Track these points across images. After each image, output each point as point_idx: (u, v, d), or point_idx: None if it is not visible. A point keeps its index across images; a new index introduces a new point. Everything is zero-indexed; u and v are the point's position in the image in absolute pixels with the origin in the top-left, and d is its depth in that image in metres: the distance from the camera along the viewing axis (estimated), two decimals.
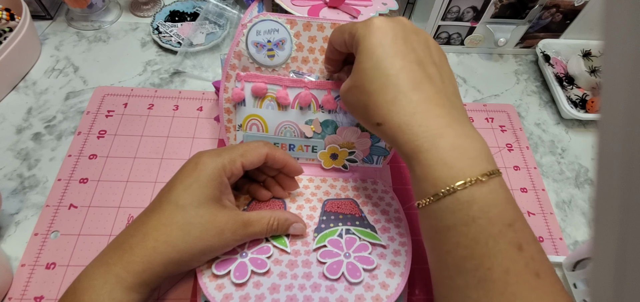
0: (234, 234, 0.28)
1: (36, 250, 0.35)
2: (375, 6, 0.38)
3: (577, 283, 0.32)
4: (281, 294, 0.29)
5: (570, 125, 0.52)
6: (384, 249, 0.32)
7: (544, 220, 0.42)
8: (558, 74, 0.54)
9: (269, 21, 0.33)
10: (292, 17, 0.33)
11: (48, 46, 0.52)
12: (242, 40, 0.33)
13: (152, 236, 0.26)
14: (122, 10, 0.58)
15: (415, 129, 0.24)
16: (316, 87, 0.35)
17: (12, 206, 0.38)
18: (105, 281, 0.25)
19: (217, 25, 0.55)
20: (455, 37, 0.56)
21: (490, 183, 0.23)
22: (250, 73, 0.35)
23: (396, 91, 0.25)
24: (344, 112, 0.36)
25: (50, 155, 0.42)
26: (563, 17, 0.54)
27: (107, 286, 0.25)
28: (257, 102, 0.35)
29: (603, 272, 0.12)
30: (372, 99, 0.26)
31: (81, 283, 0.26)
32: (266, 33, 0.33)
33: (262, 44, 0.33)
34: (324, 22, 0.33)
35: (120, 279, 0.25)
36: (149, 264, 0.26)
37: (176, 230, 0.26)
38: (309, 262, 0.31)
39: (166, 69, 0.51)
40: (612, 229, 0.12)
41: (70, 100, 0.47)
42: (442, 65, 0.28)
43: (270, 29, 0.33)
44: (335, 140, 0.37)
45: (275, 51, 0.34)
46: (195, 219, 0.27)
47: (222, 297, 0.28)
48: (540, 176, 0.46)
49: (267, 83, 0.35)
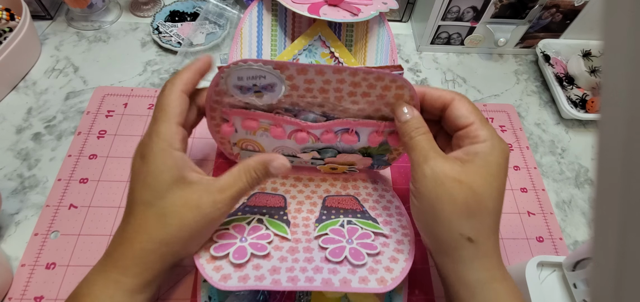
0: (213, 205, 0.26)
1: (36, 250, 0.35)
2: (375, 5, 0.38)
3: (577, 283, 0.32)
4: (282, 275, 0.27)
5: (570, 125, 0.52)
6: (386, 238, 0.31)
7: (544, 220, 0.42)
8: (558, 74, 0.54)
9: (251, 70, 0.27)
10: (282, 62, 0.27)
11: (48, 46, 0.52)
12: (222, 83, 0.28)
13: (136, 240, 0.26)
14: (122, 10, 0.58)
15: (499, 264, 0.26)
16: (316, 129, 0.31)
17: (12, 206, 0.38)
18: (105, 286, 0.25)
19: (217, 25, 0.55)
20: (455, 37, 0.56)
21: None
22: (238, 109, 0.30)
23: (497, 220, 0.26)
24: (344, 142, 0.33)
25: (50, 155, 0.42)
26: (563, 17, 0.54)
27: (108, 290, 0.25)
28: (250, 131, 0.32)
29: (603, 272, 0.12)
30: (483, 213, 0.25)
31: (82, 290, 0.26)
32: (250, 79, 0.27)
33: (247, 87, 0.28)
34: (324, 67, 0.27)
35: (119, 284, 0.25)
36: (144, 264, 0.25)
37: (154, 226, 0.25)
38: (311, 248, 0.30)
39: (166, 69, 0.51)
40: (612, 229, 0.12)
41: (70, 100, 0.47)
42: None
43: (254, 75, 0.27)
44: (335, 162, 0.36)
45: (264, 93, 0.29)
46: (167, 209, 0.25)
47: (219, 278, 0.27)
48: (540, 175, 0.46)
49: (258, 118, 0.31)
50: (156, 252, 0.26)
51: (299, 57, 0.38)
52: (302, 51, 0.38)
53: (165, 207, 0.26)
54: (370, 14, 0.36)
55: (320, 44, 0.38)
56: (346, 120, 0.30)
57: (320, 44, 0.38)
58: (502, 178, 0.26)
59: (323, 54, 0.38)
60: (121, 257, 0.25)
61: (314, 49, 0.38)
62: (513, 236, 0.41)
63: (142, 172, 0.26)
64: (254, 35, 0.38)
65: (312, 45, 0.38)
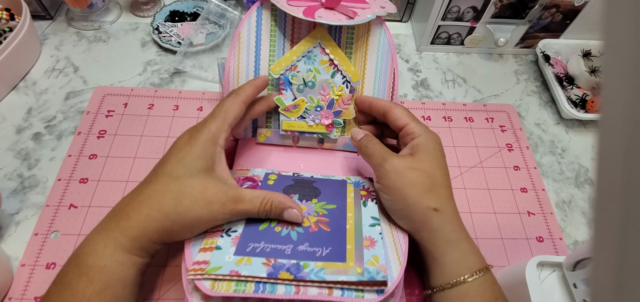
0: (222, 207, 0.28)
1: (36, 250, 0.35)
2: (373, 8, 0.38)
3: (577, 283, 0.32)
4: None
5: (570, 125, 0.52)
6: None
7: (544, 220, 0.42)
8: (558, 74, 0.54)
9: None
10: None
11: (48, 46, 0.52)
12: None
13: (146, 204, 0.28)
14: (122, 10, 0.58)
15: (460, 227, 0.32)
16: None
17: (12, 206, 0.38)
18: (106, 244, 0.27)
19: (217, 26, 0.55)
20: (455, 37, 0.56)
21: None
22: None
23: (450, 190, 0.33)
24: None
25: (50, 155, 0.42)
26: (563, 17, 0.54)
27: (108, 249, 0.27)
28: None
29: (603, 272, 0.12)
30: (438, 187, 0.32)
31: (83, 249, 0.27)
32: None
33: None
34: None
35: (118, 243, 0.27)
36: (143, 229, 0.27)
37: (169, 199, 0.28)
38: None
39: (166, 69, 0.51)
40: (612, 229, 0.12)
41: (70, 100, 0.47)
42: None
43: None
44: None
45: None
46: (187, 189, 0.28)
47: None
48: (540, 175, 0.46)
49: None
50: (158, 222, 0.28)
51: (298, 64, 0.38)
52: (301, 57, 0.38)
53: (186, 187, 0.28)
54: (366, 18, 0.36)
55: (319, 51, 0.38)
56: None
57: (319, 50, 0.38)
58: (441, 159, 0.33)
59: (322, 61, 0.38)
60: (126, 218, 0.28)
61: (313, 56, 0.38)
62: (513, 236, 0.41)
63: (183, 150, 0.30)
64: (252, 40, 0.38)
65: (311, 52, 0.38)
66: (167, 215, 0.28)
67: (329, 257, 0.29)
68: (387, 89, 0.40)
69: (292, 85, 0.38)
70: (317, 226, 0.32)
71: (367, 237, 0.31)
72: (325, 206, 0.34)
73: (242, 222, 0.31)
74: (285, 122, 0.39)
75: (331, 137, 0.40)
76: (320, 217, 0.33)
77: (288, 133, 0.40)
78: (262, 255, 0.28)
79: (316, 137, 0.41)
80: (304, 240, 0.30)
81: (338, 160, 0.42)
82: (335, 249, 0.29)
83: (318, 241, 0.30)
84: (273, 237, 0.30)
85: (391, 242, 0.32)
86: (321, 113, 0.39)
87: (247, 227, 0.31)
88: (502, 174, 0.46)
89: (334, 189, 0.36)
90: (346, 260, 0.29)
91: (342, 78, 0.38)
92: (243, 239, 0.30)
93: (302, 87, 0.38)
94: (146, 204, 0.28)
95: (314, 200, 0.35)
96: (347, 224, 0.32)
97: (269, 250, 0.29)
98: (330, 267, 0.28)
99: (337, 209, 0.34)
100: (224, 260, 0.28)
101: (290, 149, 0.42)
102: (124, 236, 0.27)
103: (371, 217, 0.33)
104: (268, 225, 0.31)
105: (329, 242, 0.30)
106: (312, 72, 0.38)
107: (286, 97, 0.38)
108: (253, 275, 0.26)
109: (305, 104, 0.39)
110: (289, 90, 0.38)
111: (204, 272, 0.26)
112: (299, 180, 0.37)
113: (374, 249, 0.30)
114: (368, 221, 0.32)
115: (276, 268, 0.27)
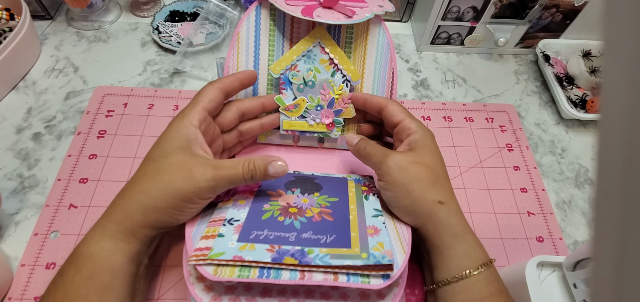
0: (203, 174, 0.28)
1: (36, 250, 0.35)
2: (371, 7, 0.38)
3: (577, 283, 0.32)
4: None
5: (570, 125, 0.52)
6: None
7: (544, 220, 0.42)
8: (558, 74, 0.54)
9: None
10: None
11: (48, 46, 0.52)
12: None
13: (129, 188, 0.29)
14: (122, 10, 0.58)
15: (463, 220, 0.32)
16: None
17: (12, 206, 0.38)
18: (94, 232, 0.28)
19: (217, 25, 0.55)
20: (455, 37, 0.56)
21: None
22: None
23: (451, 185, 0.33)
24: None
25: (50, 155, 0.42)
26: (563, 17, 0.54)
27: (96, 236, 0.28)
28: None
29: (603, 272, 0.12)
30: (441, 180, 0.32)
31: (80, 241, 0.29)
32: None
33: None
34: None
35: (105, 230, 0.28)
36: (127, 212, 0.28)
37: (149, 178, 0.29)
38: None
39: (166, 68, 0.51)
40: (612, 229, 0.12)
41: (70, 100, 0.47)
42: None
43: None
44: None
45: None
46: (164, 166, 0.29)
47: (210, 299, 0.27)
48: (540, 176, 0.46)
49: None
50: (139, 202, 0.28)
51: (298, 63, 0.38)
52: (301, 57, 0.38)
53: (162, 165, 0.29)
54: (365, 17, 0.36)
55: (319, 50, 0.38)
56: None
57: (319, 50, 0.38)
58: (438, 153, 0.34)
59: (322, 61, 0.38)
60: (112, 205, 0.29)
61: (313, 55, 0.38)
62: (513, 236, 0.41)
63: (160, 136, 0.31)
64: (251, 40, 0.38)
65: (311, 51, 0.38)
66: (147, 192, 0.28)
67: (333, 244, 0.29)
68: (386, 87, 0.40)
69: (292, 85, 0.38)
70: (320, 216, 0.32)
71: (371, 226, 0.31)
72: (328, 199, 0.34)
73: (244, 211, 0.31)
74: (286, 122, 0.39)
75: (332, 136, 0.40)
76: (323, 208, 0.33)
77: (288, 133, 0.40)
78: (265, 242, 0.28)
79: (316, 136, 0.41)
80: (308, 228, 0.30)
81: (338, 159, 0.42)
82: (339, 236, 0.29)
83: (322, 229, 0.30)
84: (276, 226, 0.30)
85: (394, 232, 0.32)
86: (322, 112, 0.39)
87: (250, 216, 0.31)
88: (502, 174, 0.46)
89: (335, 185, 0.36)
90: (351, 246, 0.28)
91: (342, 77, 0.38)
92: (246, 227, 0.30)
93: (302, 87, 0.38)
94: (128, 188, 0.29)
95: (315, 193, 0.35)
96: (350, 215, 0.32)
97: (273, 237, 0.29)
98: (335, 252, 0.28)
99: (340, 201, 0.34)
100: (227, 246, 0.27)
101: (290, 148, 0.42)
102: (109, 221, 0.28)
103: (374, 209, 0.33)
104: (271, 214, 0.31)
105: (333, 230, 0.30)
106: (312, 72, 0.38)
107: (286, 97, 0.38)
108: (257, 260, 0.26)
109: (305, 104, 0.39)
110: (289, 90, 0.38)
111: (207, 257, 0.26)
112: (300, 176, 0.37)
113: (379, 236, 0.30)
114: (371, 212, 0.32)
115: (281, 254, 0.27)
